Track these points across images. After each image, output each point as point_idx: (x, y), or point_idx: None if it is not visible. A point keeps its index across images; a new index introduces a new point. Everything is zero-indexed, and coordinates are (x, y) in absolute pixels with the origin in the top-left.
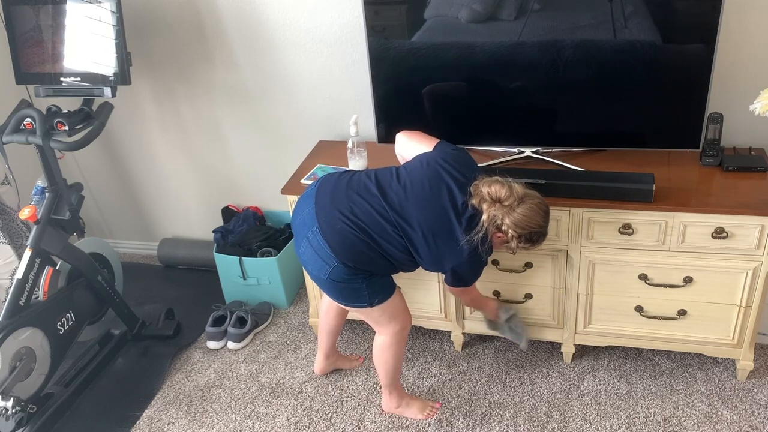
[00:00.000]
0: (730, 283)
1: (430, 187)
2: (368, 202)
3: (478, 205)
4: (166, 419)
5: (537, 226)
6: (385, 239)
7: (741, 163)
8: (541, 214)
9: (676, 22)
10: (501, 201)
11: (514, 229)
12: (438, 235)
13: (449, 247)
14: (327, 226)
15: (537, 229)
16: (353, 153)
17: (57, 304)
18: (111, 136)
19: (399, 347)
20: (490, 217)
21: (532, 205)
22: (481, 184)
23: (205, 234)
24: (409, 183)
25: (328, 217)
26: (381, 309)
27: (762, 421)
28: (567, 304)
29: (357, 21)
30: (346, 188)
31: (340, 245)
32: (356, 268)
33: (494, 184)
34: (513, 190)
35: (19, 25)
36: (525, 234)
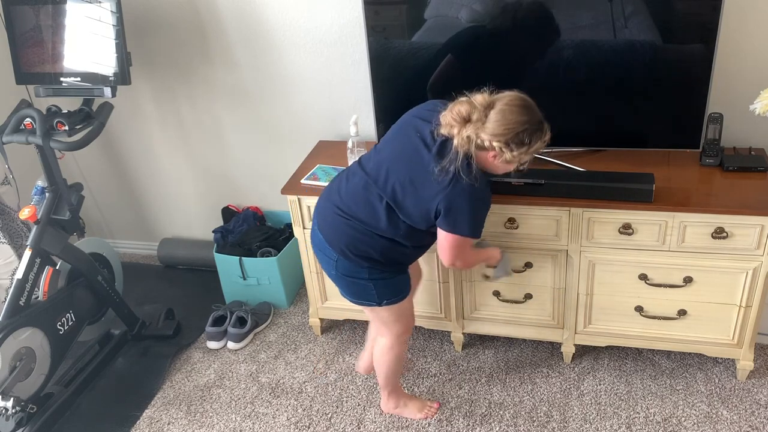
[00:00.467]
0: (730, 283)
1: (399, 135)
2: (353, 182)
3: (448, 134)
4: (166, 419)
5: (518, 124)
6: (373, 214)
7: (741, 163)
8: (518, 110)
9: (676, 22)
10: (469, 119)
11: (496, 139)
12: (415, 176)
13: (430, 182)
14: (322, 220)
15: (521, 128)
16: (353, 153)
17: (57, 304)
18: (111, 136)
19: (400, 350)
20: (464, 138)
21: (503, 106)
22: (446, 112)
23: (205, 234)
24: (383, 146)
25: (323, 212)
26: (389, 310)
27: (762, 421)
28: (567, 304)
29: (357, 21)
30: (339, 179)
31: (332, 235)
32: (356, 257)
33: (456, 106)
34: (474, 102)
35: (19, 25)
36: (511, 138)
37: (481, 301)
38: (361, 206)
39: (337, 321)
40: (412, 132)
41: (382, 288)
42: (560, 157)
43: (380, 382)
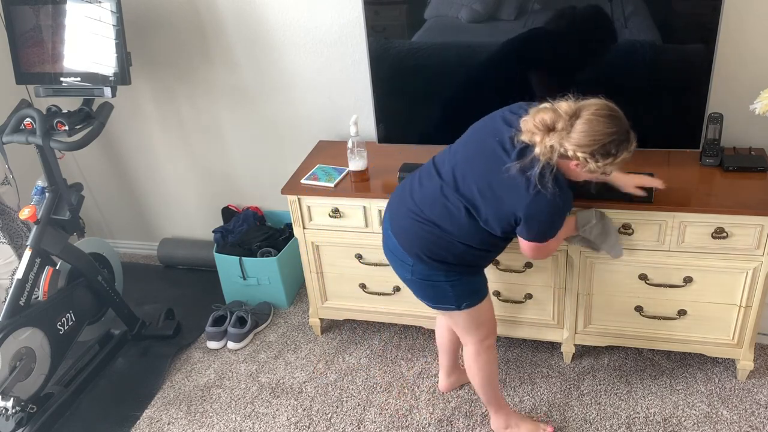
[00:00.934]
0: (730, 283)
1: (478, 138)
2: (427, 187)
3: (530, 141)
4: (166, 419)
5: (605, 135)
6: (449, 219)
7: (741, 163)
8: (605, 121)
9: (676, 22)
10: (552, 128)
11: (581, 150)
12: (494, 181)
13: (509, 189)
14: (396, 224)
15: (608, 139)
16: (353, 153)
17: (57, 304)
18: (111, 136)
19: (488, 358)
20: (546, 147)
21: (589, 116)
22: (528, 117)
23: (205, 234)
24: (458, 147)
25: (397, 216)
26: (467, 314)
27: (762, 421)
28: (567, 304)
29: (357, 21)
30: (411, 182)
31: (408, 240)
32: (432, 261)
33: (539, 113)
34: (559, 111)
35: (19, 25)
36: (597, 149)
37: None
38: (437, 211)
39: (337, 321)
40: (490, 135)
41: (459, 289)
42: None
43: (481, 398)
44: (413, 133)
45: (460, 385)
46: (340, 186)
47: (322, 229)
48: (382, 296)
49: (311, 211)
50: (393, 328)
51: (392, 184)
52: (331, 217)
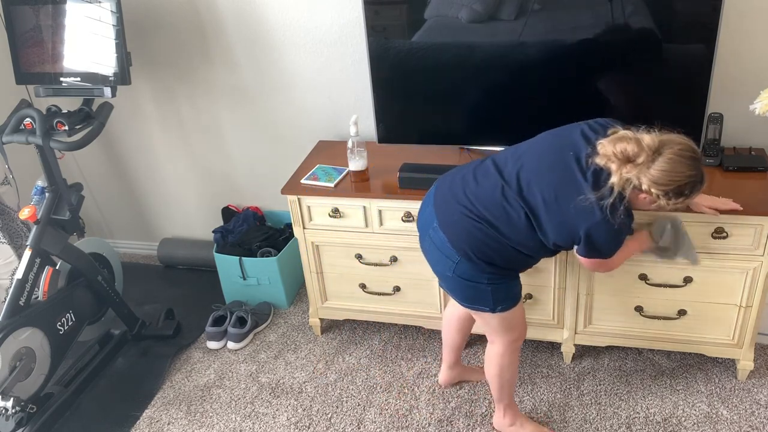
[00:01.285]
0: (730, 283)
1: (552, 148)
2: (485, 185)
3: (605, 166)
4: (166, 419)
5: (684, 177)
6: (506, 221)
7: (741, 163)
8: (686, 162)
9: (676, 22)
10: (631, 160)
11: (656, 188)
12: (561, 195)
13: (577, 207)
14: (446, 219)
15: (685, 181)
16: (353, 153)
17: (57, 304)
18: (111, 136)
19: (512, 358)
20: (622, 179)
21: (672, 155)
22: (607, 142)
23: (205, 234)
24: (528, 151)
25: (447, 210)
26: (501, 317)
27: (762, 421)
28: (567, 304)
29: (357, 21)
30: (463, 178)
31: (458, 236)
32: (480, 260)
33: (619, 142)
34: (642, 144)
35: (19, 25)
36: (672, 189)
37: None
38: (494, 211)
39: (337, 321)
40: (567, 147)
41: (498, 293)
42: None
43: (494, 395)
44: (413, 133)
45: (460, 381)
46: (340, 186)
47: (322, 229)
48: (382, 296)
49: (311, 211)
50: (393, 328)
51: (392, 184)
52: (331, 217)
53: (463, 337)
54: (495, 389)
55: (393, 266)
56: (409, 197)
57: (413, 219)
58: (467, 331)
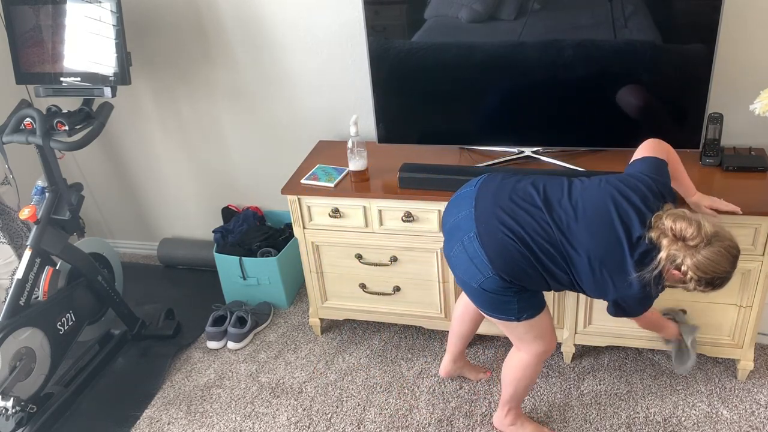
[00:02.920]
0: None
1: (604, 212)
2: (531, 215)
3: (656, 239)
4: (166, 419)
5: (722, 271)
6: (549, 257)
7: (741, 163)
8: (730, 259)
9: (676, 22)
10: (685, 240)
11: (695, 272)
12: (606, 264)
13: (618, 279)
14: (486, 233)
15: (721, 275)
16: (353, 153)
17: (57, 304)
18: (111, 136)
19: (537, 369)
20: (669, 255)
21: (721, 249)
22: (665, 217)
23: (205, 234)
24: (581, 202)
25: (488, 225)
26: (527, 325)
27: (762, 421)
28: (567, 304)
29: (357, 21)
30: (510, 195)
31: (500, 257)
32: (511, 282)
33: (680, 220)
34: (702, 230)
35: (19, 25)
36: (707, 278)
37: None
38: (539, 245)
39: (337, 321)
40: (619, 215)
41: (523, 302)
42: (560, 157)
43: (504, 396)
44: (413, 133)
45: (459, 375)
46: (340, 186)
47: (322, 229)
48: (382, 296)
49: (311, 211)
50: (393, 328)
51: (392, 184)
52: (331, 217)
53: (474, 327)
54: (507, 393)
55: (393, 266)
56: (409, 197)
57: (413, 219)
58: (479, 321)
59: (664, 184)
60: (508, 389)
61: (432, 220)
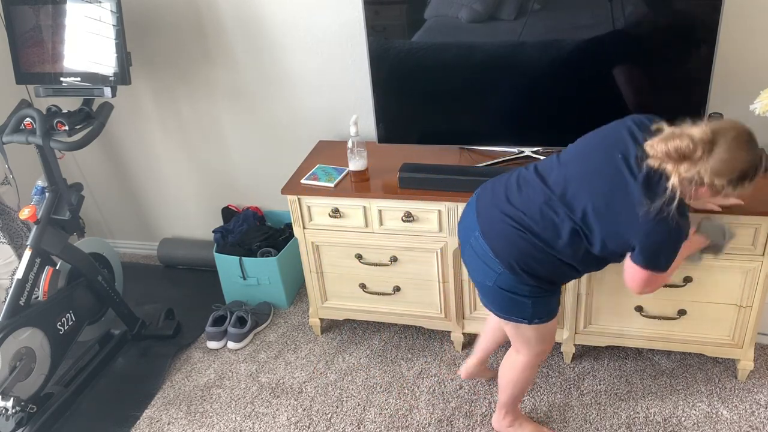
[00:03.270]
0: (729, 283)
1: (598, 149)
2: (529, 194)
3: (659, 167)
4: (166, 419)
5: (745, 161)
6: (552, 231)
7: None
8: (745, 147)
9: (676, 22)
10: (687, 156)
11: (719, 178)
12: (613, 203)
13: (629, 212)
14: (488, 227)
15: (746, 164)
16: (353, 153)
17: (57, 304)
18: (111, 136)
19: (535, 370)
20: (682, 178)
21: (730, 143)
22: (657, 142)
23: (205, 234)
24: (573, 156)
25: (489, 219)
26: (536, 329)
27: (762, 421)
28: (567, 304)
29: (357, 21)
30: (505, 186)
31: (502, 246)
32: (523, 272)
33: (671, 140)
34: (696, 138)
35: (19, 25)
36: (735, 176)
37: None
38: (539, 221)
39: (337, 321)
40: (614, 150)
41: (537, 306)
42: None
43: (501, 399)
44: (413, 133)
45: (476, 377)
46: (340, 186)
47: (322, 229)
48: (382, 296)
49: (311, 211)
50: (393, 328)
51: (392, 184)
52: (331, 217)
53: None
54: (505, 395)
55: (393, 266)
56: (409, 197)
57: (413, 219)
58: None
59: (645, 116)
60: (506, 391)
61: (432, 220)
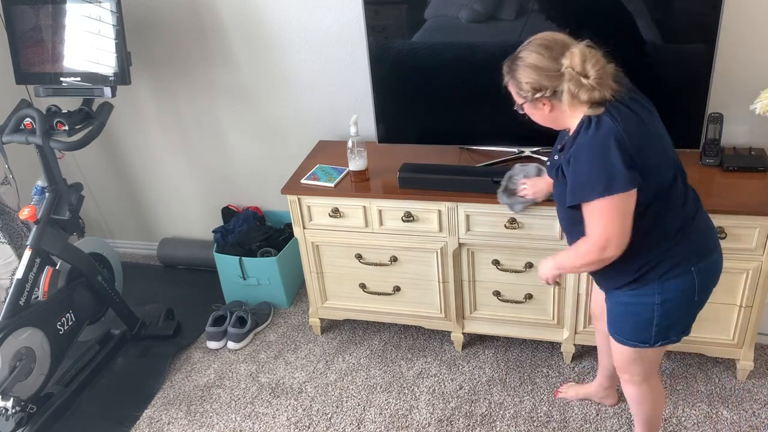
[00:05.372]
0: (730, 283)
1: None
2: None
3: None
4: (166, 419)
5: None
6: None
7: (741, 163)
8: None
9: (676, 22)
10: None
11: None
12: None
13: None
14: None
15: (517, 57)
16: (353, 153)
17: (57, 304)
18: (111, 136)
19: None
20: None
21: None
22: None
23: (205, 234)
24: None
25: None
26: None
27: (762, 421)
28: (567, 304)
29: (357, 21)
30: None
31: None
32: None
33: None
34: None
35: (19, 25)
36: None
37: (481, 301)
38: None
39: (337, 321)
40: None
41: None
42: None
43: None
44: (413, 133)
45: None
46: (340, 186)
47: (322, 229)
48: (382, 296)
49: (311, 211)
50: (393, 328)
51: (392, 184)
52: (331, 217)
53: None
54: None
55: (393, 266)
56: (409, 197)
57: (413, 219)
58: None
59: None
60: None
61: (432, 220)
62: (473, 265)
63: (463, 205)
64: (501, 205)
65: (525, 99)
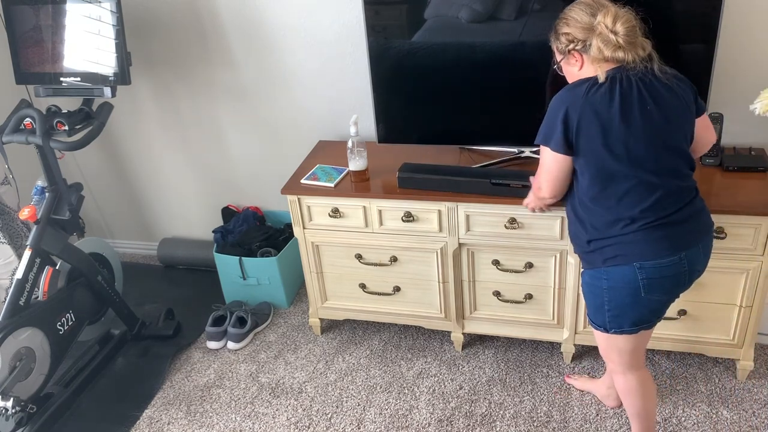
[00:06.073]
0: (730, 283)
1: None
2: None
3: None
4: (166, 419)
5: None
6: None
7: (741, 163)
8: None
9: (676, 22)
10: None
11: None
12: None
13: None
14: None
15: (562, 14)
16: (353, 153)
17: (57, 304)
18: (111, 136)
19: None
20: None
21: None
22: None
23: (205, 234)
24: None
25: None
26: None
27: (762, 421)
28: (567, 304)
29: (357, 21)
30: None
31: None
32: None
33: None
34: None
35: (19, 25)
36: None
37: (481, 301)
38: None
39: (337, 321)
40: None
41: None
42: None
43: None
44: (413, 133)
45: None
46: (340, 186)
47: (322, 229)
48: (382, 296)
49: (311, 211)
50: (393, 328)
51: (392, 184)
52: (331, 217)
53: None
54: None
55: (393, 266)
56: (409, 197)
57: (413, 219)
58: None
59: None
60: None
61: (432, 220)
62: (473, 265)
63: (463, 205)
64: (501, 205)
65: (562, 54)
